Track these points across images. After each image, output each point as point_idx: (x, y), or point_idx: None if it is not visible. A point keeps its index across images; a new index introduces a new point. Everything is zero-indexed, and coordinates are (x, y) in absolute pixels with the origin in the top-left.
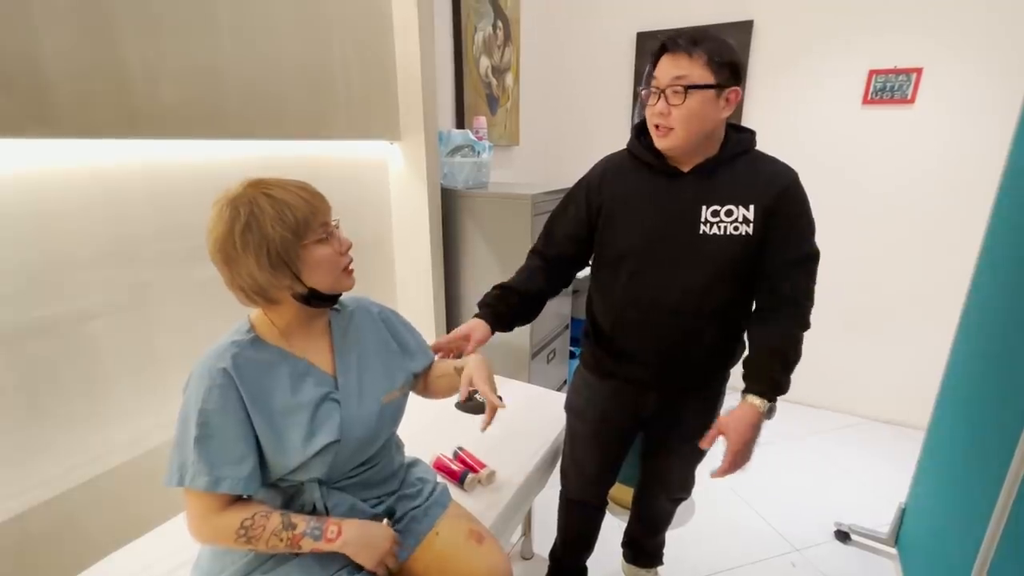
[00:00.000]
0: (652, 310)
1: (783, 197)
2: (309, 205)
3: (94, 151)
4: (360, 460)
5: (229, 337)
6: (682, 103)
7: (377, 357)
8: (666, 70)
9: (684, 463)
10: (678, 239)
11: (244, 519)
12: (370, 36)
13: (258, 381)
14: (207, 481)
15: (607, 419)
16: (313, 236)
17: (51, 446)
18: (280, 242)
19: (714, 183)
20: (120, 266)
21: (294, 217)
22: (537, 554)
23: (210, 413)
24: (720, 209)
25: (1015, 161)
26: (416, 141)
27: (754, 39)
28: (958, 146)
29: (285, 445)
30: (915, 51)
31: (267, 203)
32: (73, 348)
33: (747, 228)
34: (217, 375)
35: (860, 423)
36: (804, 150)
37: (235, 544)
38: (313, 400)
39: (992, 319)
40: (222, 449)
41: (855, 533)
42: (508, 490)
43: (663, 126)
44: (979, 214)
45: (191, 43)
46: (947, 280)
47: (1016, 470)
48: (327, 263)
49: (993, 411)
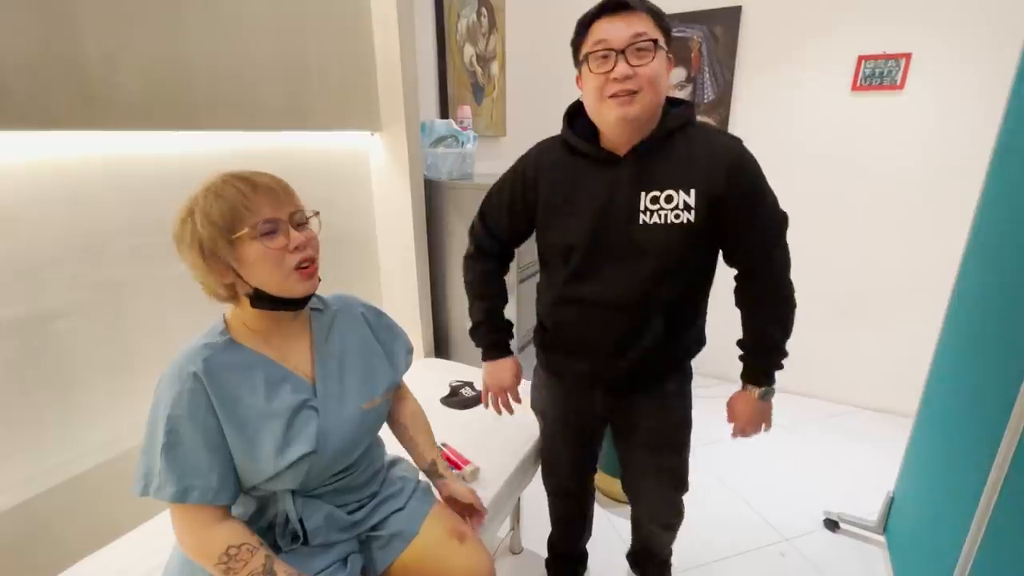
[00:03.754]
0: (593, 306)
1: (731, 178)
2: (242, 197)
3: (53, 144)
4: (338, 468)
5: (202, 339)
6: (650, 60)
7: (359, 362)
8: (618, 29)
9: (662, 484)
10: (619, 230)
11: (231, 546)
12: (348, 23)
13: (230, 386)
14: (174, 492)
15: (566, 419)
16: (245, 231)
17: (19, 450)
18: (207, 235)
19: (652, 166)
20: (87, 263)
21: (219, 209)
22: (527, 548)
23: (178, 419)
24: (660, 195)
25: (1002, 148)
26: (397, 131)
27: (743, 25)
28: (947, 132)
29: (257, 454)
30: (904, 36)
31: (205, 195)
32: (40, 349)
33: (688, 215)
34: (187, 379)
35: (849, 411)
36: (793, 137)
37: (211, 567)
38: (289, 407)
39: (978, 307)
40: (190, 457)
41: (844, 522)
42: (493, 486)
43: (626, 90)
44: (968, 201)
45: (155, 31)
46: (936, 267)
47: (1002, 459)
48: (264, 260)
49: (980, 399)
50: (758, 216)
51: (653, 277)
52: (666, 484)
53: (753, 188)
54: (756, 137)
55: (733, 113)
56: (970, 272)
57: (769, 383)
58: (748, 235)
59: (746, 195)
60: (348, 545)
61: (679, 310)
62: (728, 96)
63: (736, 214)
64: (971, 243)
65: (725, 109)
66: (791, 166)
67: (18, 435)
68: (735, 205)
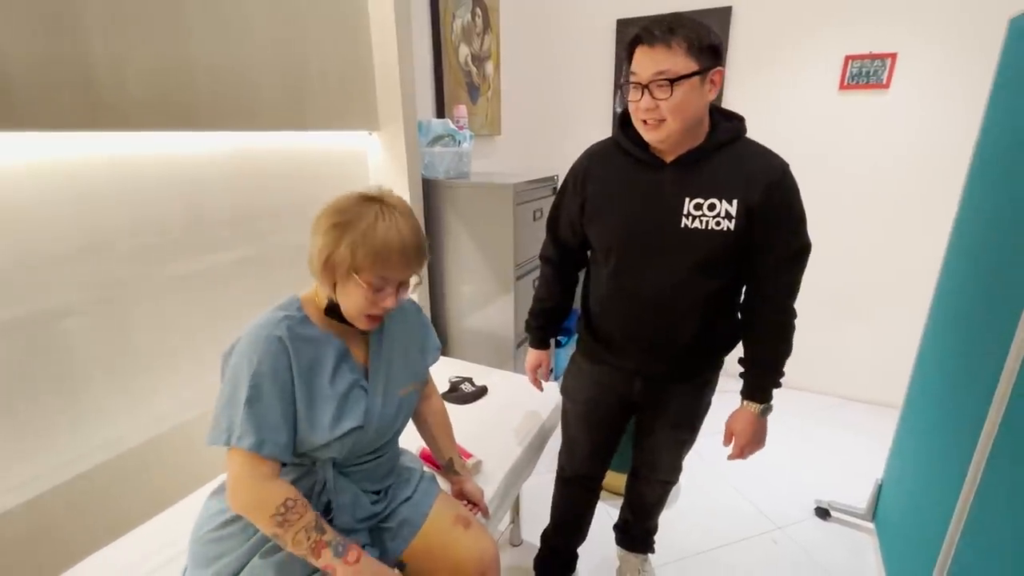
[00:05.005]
0: (635, 301)
1: (769, 194)
2: (386, 254)
3: (59, 144)
4: (374, 447)
5: (280, 311)
6: (669, 96)
7: (402, 352)
8: (645, 65)
9: (671, 449)
10: (660, 232)
11: (288, 498)
12: (345, 25)
13: (308, 356)
14: (252, 442)
15: (596, 401)
16: (364, 277)
17: (25, 448)
18: (340, 256)
19: (698, 175)
20: (92, 262)
21: (364, 252)
22: (526, 540)
23: (263, 376)
24: (703, 202)
25: (983, 147)
26: (395, 131)
27: (733, 25)
28: (931, 131)
29: (316, 422)
30: (890, 36)
31: (367, 225)
32: (45, 347)
33: (728, 224)
34: (273, 342)
35: (840, 403)
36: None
37: (265, 521)
38: (347, 385)
39: (959, 302)
40: (269, 413)
41: (834, 510)
42: (495, 479)
43: (653, 120)
44: (952, 198)
45: (158, 33)
46: (922, 263)
47: (983, 447)
48: (355, 297)
49: (961, 390)
50: (779, 233)
51: (691, 277)
52: (676, 448)
53: (784, 206)
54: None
55: None
56: (951, 268)
57: (768, 400)
58: (766, 250)
59: (776, 211)
60: (362, 536)
61: (715, 309)
62: (720, 95)
63: (762, 227)
64: (953, 240)
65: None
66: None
67: (24, 433)
68: (763, 218)
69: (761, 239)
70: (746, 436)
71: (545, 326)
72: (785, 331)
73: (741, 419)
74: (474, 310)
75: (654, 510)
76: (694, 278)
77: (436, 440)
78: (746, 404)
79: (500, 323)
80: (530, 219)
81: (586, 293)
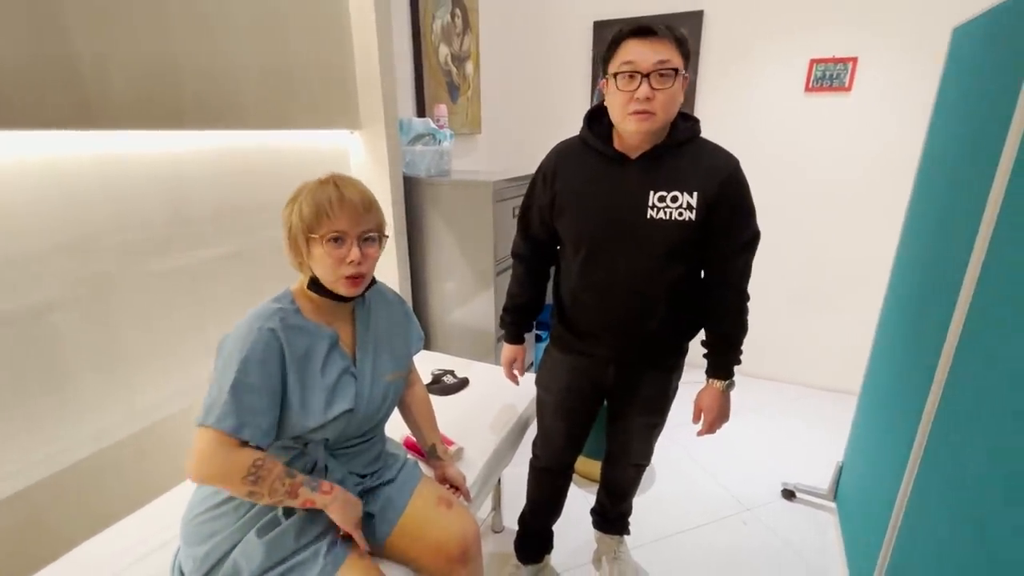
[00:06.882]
0: (606, 291)
1: (725, 186)
2: (328, 206)
3: (46, 143)
4: (363, 430)
5: (274, 303)
6: (669, 87)
7: (388, 341)
8: (646, 55)
9: (643, 432)
10: (627, 223)
11: (256, 459)
12: (326, 25)
13: (301, 345)
14: (233, 424)
15: (570, 389)
16: (321, 234)
17: (11, 442)
18: (294, 225)
19: (661, 170)
20: (78, 258)
21: (309, 209)
22: (507, 527)
23: (252, 363)
24: (667, 195)
25: (929, 149)
26: (376, 130)
27: (704, 29)
28: (888, 132)
29: (309, 406)
30: (851, 41)
31: (307, 191)
32: (32, 341)
33: (690, 214)
34: (265, 332)
35: (804, 392)
36: (751, 135)
37: (237, 485)
38: (338, 371)
39: (907, 292)
40: (252, 398)
41: (799, 491)
42: (476, 465)
43: (645, 110)
44: (906, 196)
45: (141, 33)
46: (879, 256)
47: (924, 428)
48: (323, 261)
49: (908, 375)
50: (734, 224)
51: (659, 264)
52: (647, 432)
53: (738, 197)
54: (718, 134)
55: (696, 111)
56: (901, 262)
57: (730, 376)
58: (722, 238)
59: (730, 203)
60: None
61: (680, 294)
62: (692, 96)
63: (718, 218)
64: (902, 235)
65: (689, 108)
66: (749, 161)
67: (11, 426)
68: (719, 210)
69: (718, 228)
70: (714, 411)
71: (519, 322)
72: (741, 312)
73: (708, 396)
74: (456, 305)
75: (628, 493)
76: (661, 264)
77: (419, 426)
78: (712, 382)
79: (481, 317)
80: (509, 216)
81: (557, 287)
